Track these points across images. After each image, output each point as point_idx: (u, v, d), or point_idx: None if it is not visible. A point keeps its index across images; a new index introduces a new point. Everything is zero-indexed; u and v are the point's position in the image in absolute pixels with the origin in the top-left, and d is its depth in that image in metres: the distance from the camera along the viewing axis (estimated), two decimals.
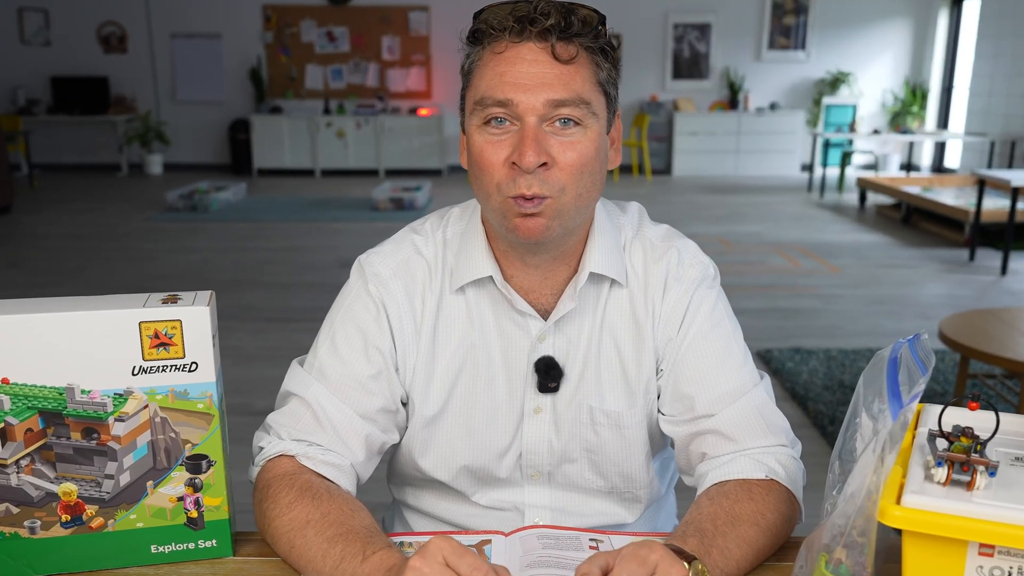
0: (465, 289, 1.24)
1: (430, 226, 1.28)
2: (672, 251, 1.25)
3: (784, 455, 1.18)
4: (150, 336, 1.01)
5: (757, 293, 6.06)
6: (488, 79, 1.10)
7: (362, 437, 1.18)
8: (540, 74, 1.08)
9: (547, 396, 1.24)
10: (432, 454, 1.27)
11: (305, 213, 9.14)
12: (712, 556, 1.00)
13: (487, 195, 1.13)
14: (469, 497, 1.30)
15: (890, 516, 0.85)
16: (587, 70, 1.11)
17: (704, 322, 1.22)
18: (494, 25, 1.09)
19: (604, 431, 1.25)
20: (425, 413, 1.25)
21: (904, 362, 0.98)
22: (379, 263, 1.24)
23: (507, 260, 1.22)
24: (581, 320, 1.24)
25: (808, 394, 4.15)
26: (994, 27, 10.70)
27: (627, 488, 1.30)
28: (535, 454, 1.26)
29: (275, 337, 5.06)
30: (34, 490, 1.03)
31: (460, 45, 1.16)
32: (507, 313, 1.23)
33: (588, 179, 1.12)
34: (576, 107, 1.09)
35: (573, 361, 1.24)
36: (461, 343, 1.24)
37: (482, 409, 1.25)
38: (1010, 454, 0.98)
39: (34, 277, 6.44)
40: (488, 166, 1.11)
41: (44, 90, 12.22)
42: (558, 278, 1.22)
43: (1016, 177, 6.89)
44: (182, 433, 1.05)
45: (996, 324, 3.65)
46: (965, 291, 6.25)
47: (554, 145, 1.09)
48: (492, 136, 1.11)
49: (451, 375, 1.24)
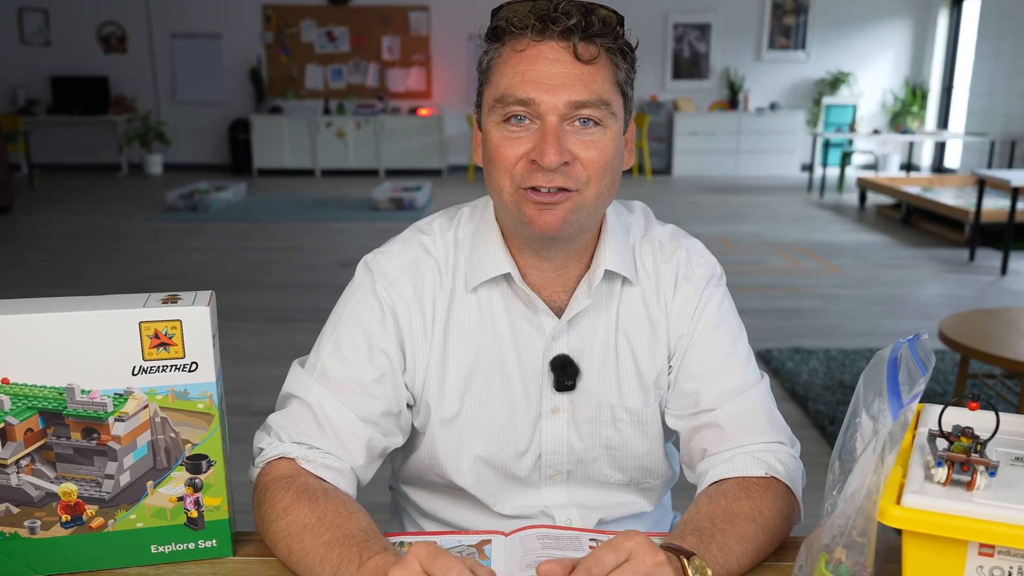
0: (477, 289, 1.23)
1: (439, 226, 1.27)
2: (681, 250, 1.26)
3: (784, 453, 1.18)
4: (150, 336, 1.01)
5: (757, 293, 6.06)
6: (509, 77, 1.10)
7: (363, 441, 1.18)
8: (562, 74, 1.08)
9: (564, 395, 1.24)
10: (453, 457, 1.25)
11: (305, 213, 9.14)
12: (712, 552, 1.01)
13: (499, 190, 1.14)
14: (492, 508, 1.28)
15: (890, 516, 0.86)
16: (607, 71, 1.11)
17: (711, 319, 1.23)
18: (515, 23, 1.09)
19: (626, 428, 1.25)
20: (442, 415, 1.23)
21: (904, 362, 0.98)
22: (387, 263, 1.23)
23: (522, 257, 1.22)
24: (595, 317, 1.24)
25: (808, 394, 4.15)
26: (994, 27, 10.70)
27: (645, 479, 1.30)
28: (555, 454, 1.26)
29: (275, 337, 5.06)
30: (34, 490, 1.03)
31: (478, 42, 1.16)
32: (520, 311, 1.23)
33: (609, 178, 1.14)
34: (597, 108, 1.10)
35: (589, 359, 1.24)
36: (473, 343, 1.23)
37: (498, 410, 1.24)
38: (1010, 454, 0.98)
39: (34, 277, 6.44)
40: (505, 161, 1.11)
41: (44, 90, 12.22)
42: (571, 275, 1.23)
43: (1016, 177, 6.89)
44: (182, 433, 1.05)
45: (996, 324, 3.65)
46: (965, 291, 6.26)
47: (575, 143, 1.10)
48: (511, 133, 1.11)
49: (464, 376, 1.23)
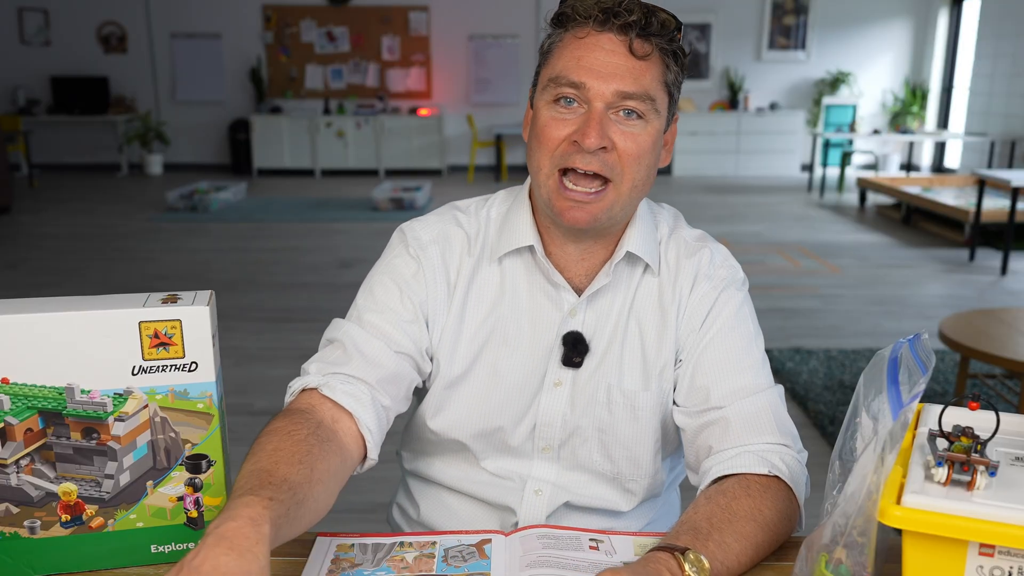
0: (502, 260, 1.28)
1: (475, 205, 1.35)
2: (705, 251, 1.30)
3: (789, 456, 1.17)
4: (150, 336, 1.01)
5: (758, 293, 6.01)
6: (566, 60, 1.16)
7: (390, 370, 1.20)
8: (615, 64, 1.14)
9: (569, 371, 1.28)
10: (450, 414, 1.29)
11: (305, 213, 9.14)
12: (709, 549, 1.00)
13: (538, 168, 1.20)
14: (479, 461, 1.32)
15: (890, 516, 0.86)
16: (657, 69, 1.17)
17: (728, 320, 1.26)
18: (580, 12, 1.16)
19: (619, 411, 1.28)
20: (450, 375, 1.28)
21: (904, 362, 0.98)
22: (420, 229, 1.31)
23: (549, 235, 1.27)
24: (613, 297, 1.28)
25: (808, 394, 4.15)
26: (994, 27, 10.70)
27: (631, 475, 1.31)
28: (549, 427, 1.29)
29: (275, 337, 5.06)
30: (34, 490, 1.03)
31: (543, 26, 1.23)
32: (541, 286, 1.28)
33: (644, 171, 1.19)
34: (641, 101, 1.15)
35: (599, 338, 1.28)
36: (491, 312, 1.28)
37: (504, 377, 1.28)
38: (1010, 454, 0.98)
39: (34, 277, 6.44)
40: (549, 140, 1.17)
41: (44, 90, 12.21)
42: (596, 259, 1.27)
43: (1016, 177, 6.90)
44: (182, 433, 1.05)
45: (996, 324, 3.65)
46: (965, 291, 6.26)
47: (616, 132, 1.16)
48: (559, 113, 1.17)
49: (478, 342, 1.28)
